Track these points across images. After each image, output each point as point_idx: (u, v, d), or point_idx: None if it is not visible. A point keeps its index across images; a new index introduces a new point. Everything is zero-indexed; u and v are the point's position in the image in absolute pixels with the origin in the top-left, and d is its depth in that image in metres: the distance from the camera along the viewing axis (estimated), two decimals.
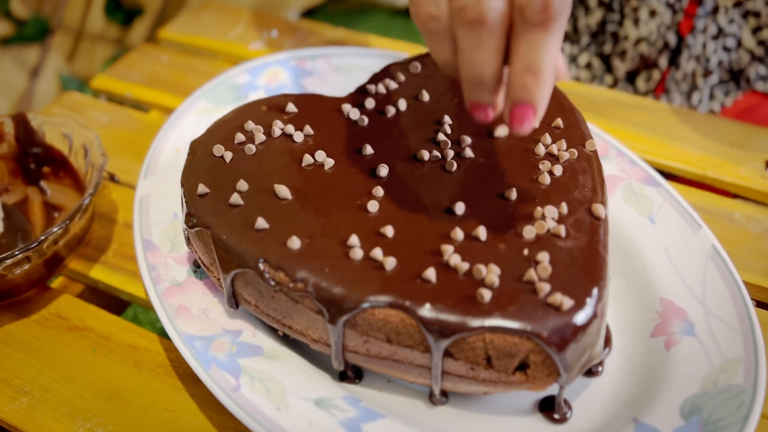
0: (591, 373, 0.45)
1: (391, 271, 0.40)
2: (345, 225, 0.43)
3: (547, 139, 0.48)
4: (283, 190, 0.45)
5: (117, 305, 0.56)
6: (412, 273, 0.40)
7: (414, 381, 0.42)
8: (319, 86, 0.64)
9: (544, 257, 0.41)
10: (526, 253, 0.41)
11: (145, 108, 0.72)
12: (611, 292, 0.48)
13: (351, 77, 0.64)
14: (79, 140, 0.56)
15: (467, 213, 0.44)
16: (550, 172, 0.46)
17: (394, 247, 0.42)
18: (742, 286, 0.46)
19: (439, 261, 0.41)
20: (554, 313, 0.38)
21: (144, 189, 0.54)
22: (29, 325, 0.50)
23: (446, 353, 0.39)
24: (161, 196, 0.54)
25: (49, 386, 0.46)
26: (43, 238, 0.49)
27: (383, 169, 0.47)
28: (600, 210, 0.44)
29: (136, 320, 1.19)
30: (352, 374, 0.44)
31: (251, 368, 0.43)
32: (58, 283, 0.55)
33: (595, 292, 0.39)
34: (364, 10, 2.00)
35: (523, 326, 0.38)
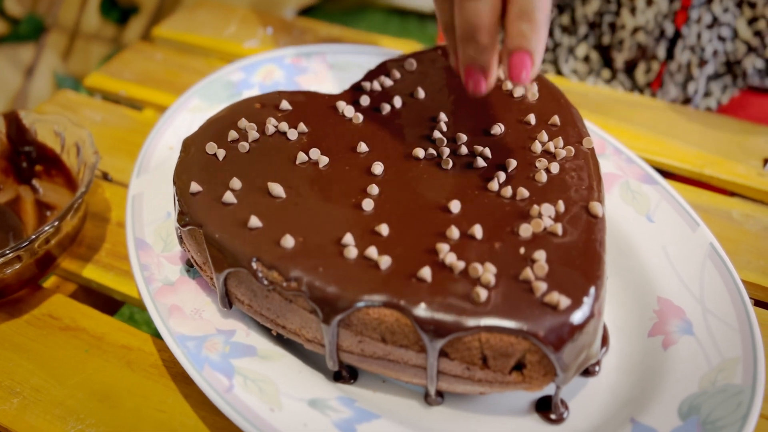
0: (588, 372, 0.44)
1: (386, 270, 0.40)
2: (339, 223, 0.43)
3: (544, 136, 0.48)
4: (277, 188, 0.45)
5: (110, 305, 0.56)
6: (407, 272, 0.40)
7: (409, 381, 0.42)
8: (314, 84, 0.64)
9: (540, 256, 0.40)
10: (523, 251, 0.41)
11: (139, 106, 0.71)
12: (608, 291, 0.48)
13: (346, 75, 0.64)
14: (71, 138, 0.56)
15: (463, 211, 0.44)
16: (547, 170, 0.46)
17: (389, 246, 0.41)
18: (741, 285, 0.46)
19: (435, 260, 0.41)
20: (551, 313, 0.38)
21: (137, 187, 0.54)
22: (21, 325, 0.50)
23: (442, 353, 0.39)
24: (154, 194, 0.53)
25: (40, 387, 0.46)
26: (34, 237, 0.48)
27: (378, 167, 0.46)
28: (597, 208, 0.43)
29: (132, 320, 1.19)
30: (347, 374, 0.44)
31: (244, 368, 0.43)
32: (51, 282, 0.55)
33: (593, 291, 0.39)
34: (361, 9, 2.00)
35: (520, 325, 0.37)
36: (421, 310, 0.38)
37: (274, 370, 0.43)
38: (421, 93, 0.53)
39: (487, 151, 0.47)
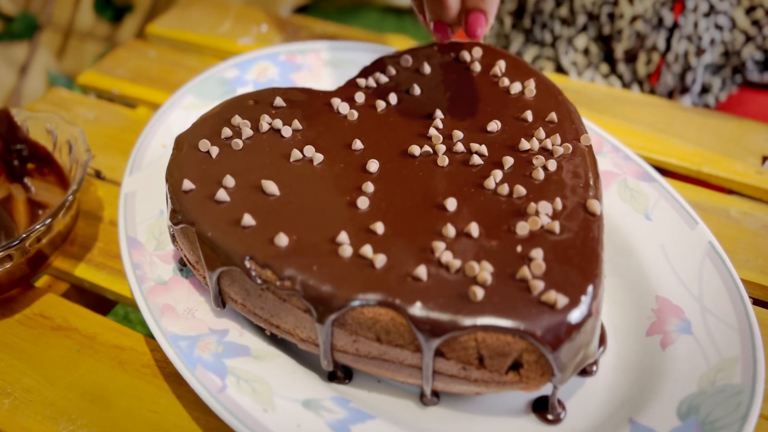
0: (585, 372, 0.44)
1: (381, 269, 0.40)
2: (334, 221, 0.42)
3: (541, 133, 0.48)
4: (271, 186, 0.44)
5: (103, 304, 0.55)
6: (402, 270, 0.39)
7: (405, 381, 0.41)
8: (309, 81, 0.63)
9: (537, 254, 0.40)
10: (520, 249, 0.40)
11: (132, 104, 0.71)
12: (606, 289, 0.48)
13: (341, 72, 0.63)
14: (63, 136, 0.55)
15: (459, 209, 0.43)
16: (544, 167, 0.45)
17: (385, 244, 0.41)
18: (740, 284, 0.46)
19: (431, 258, 0.40)
20: (548, 312, 0.37)
21: (129, 186, 0.53)
22: (12, 324, 0.49)
23: (437, 353, 0.39)
24: (147, 192, 0.53)
25: (31, 387, 0.45)
26: (25, 235, 0.48)
27: (373, 165, 0.46)
28: (595, 206, 0.43)
29: (127, 320, 1.18)
30: (342, 374, 0.43)
31: (238, 368, 0.42)
32: (43, 282, 0.54)
33: (590, 289, 0.39)
34: (356, 8, 1.99)
35: (516, 325, 0.37)
36: (417, 309, 0.38)
37: (268, 370, 0.42)
38: (417, 90, 0.52)
39: (484, 149, 0.47)
